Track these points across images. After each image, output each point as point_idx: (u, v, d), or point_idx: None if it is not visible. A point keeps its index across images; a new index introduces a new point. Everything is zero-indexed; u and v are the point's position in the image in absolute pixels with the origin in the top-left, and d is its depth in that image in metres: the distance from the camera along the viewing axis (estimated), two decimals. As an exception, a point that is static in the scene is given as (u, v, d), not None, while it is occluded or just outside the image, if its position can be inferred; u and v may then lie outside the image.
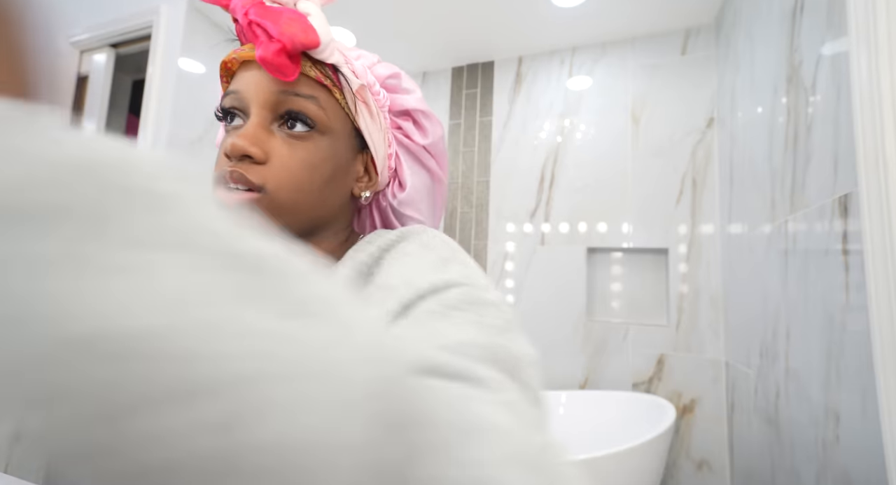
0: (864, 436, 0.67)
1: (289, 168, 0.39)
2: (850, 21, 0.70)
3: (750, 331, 1.20)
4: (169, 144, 1.55)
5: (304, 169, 0.39)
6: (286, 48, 0.36)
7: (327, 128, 0.40)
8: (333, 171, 0.41)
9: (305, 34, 0.37)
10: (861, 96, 0.67)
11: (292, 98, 0.39)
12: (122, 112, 2.31)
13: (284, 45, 0.36)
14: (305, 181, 0.39)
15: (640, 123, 1.66)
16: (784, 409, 0.97)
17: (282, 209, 0.39)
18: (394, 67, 0.46)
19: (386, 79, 0.45)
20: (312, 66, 0.39)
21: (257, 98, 0.39)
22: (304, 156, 0.39)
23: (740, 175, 1.30)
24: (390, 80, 0.45)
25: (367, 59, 0.45)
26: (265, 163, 0.38)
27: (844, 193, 0.73)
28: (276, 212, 0.39)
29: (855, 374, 0.70)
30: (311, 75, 0.39)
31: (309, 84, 0.39)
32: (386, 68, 0.45)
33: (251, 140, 0.38)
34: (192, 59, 1.63)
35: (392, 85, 0.46)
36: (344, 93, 0.41)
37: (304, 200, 0.40)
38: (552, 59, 1.83)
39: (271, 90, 0.39)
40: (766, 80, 1.10)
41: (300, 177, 0.39)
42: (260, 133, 0.39)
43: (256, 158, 0.38)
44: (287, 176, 0.38)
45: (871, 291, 0.64)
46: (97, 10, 1.76)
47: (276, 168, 0.38)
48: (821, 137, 0.82)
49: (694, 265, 1.52)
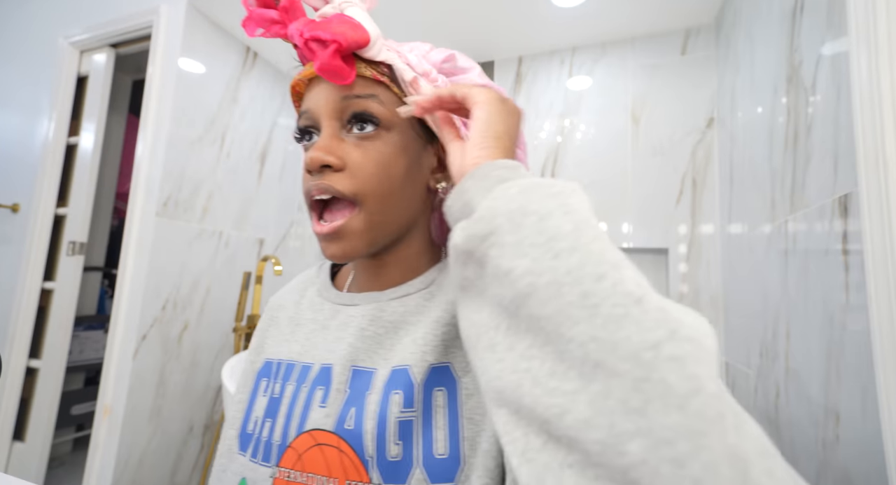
0: (864, 436, 0.67)
1: (365, 169, 0.40)
2: (850, 21, 0.70)
3: (750, 331, 1.20)
4: (169, 144, 1.55)
5: (379, 167, 0.40)
6: (341, 47, 0.38)
7: (392, 123, 0.41)
8: (407, 165, 0.42)
9: (355, 32, 0.39)
10: (861, 96, 0.67)
11: (354, 101, 0.40)
12: (122, 112, 2.31)
13: (339, 43, 0.37)
14: (385, 180, 0.41)
15: (640, 122, 1.66)
16: (784, 409, 0.97)
17: (377, 219, 0.41)
18: (447, 50, 0.46)
19: (441, 63, 0.46)
20: (367, 66, 0.41)
21: (324, 110, 0.41)
22: (376, 155, 0.41)
23: (740, 175, 1.30)
24: (446, 64, 0.46)
25: (419, 48, 0.46)
26: (343, 169, 0.40)
27: (844, 193, 0.73)
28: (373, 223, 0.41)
29: (855, 374, 0.70)
30: (367, 75, 0.41)
31: (367, 84, 0.41)
32: (439, 53, 0.46)
33: (325, 150, 0.40)
34: (192, 59, 1.63)
35: (448, 68, 0.46)
36: (401, 87, 0.42)
37: (390, 201, 0.41)
38: (552, 59, 1.83)
39: (334, 99, 0.41)
40: (766, 80, 1.10)
41: (379, 176, 0.40)
42: (332, 142, 0.40)
43: (334, 166, 0.40)
44: (367, 177, 0.40)
45: (871, 291, 0.64)
46: (97, 10, 1.76)
47: (354, 172, 0.40)
48: (821, 137, 0.82)
49: (694, 265, 1.52)
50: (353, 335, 0.43)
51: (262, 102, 1.96)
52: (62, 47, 1.78)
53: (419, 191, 0.45)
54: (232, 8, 1.63)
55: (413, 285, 0.45)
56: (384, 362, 0.41)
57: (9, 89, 1.93)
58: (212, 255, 1.73)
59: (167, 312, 1.57)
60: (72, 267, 1.71)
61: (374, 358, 0.42)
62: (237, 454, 0.44)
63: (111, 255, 2.30)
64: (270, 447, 0.41)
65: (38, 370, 1.68)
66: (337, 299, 0.48)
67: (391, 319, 0.43)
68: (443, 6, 1.58)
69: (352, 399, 0.40)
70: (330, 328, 0.46)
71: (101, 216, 2.22)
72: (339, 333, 0.45)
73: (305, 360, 0.45)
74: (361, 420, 0.38)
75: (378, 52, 0.40)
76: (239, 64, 1.84)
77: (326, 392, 0.41)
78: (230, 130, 1.79)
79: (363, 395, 0.40)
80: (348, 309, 0.46)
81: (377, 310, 0.44)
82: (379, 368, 0.41)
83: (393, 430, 0.37)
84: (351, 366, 0.42)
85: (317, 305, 0.50)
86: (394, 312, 0.43)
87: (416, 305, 0.43)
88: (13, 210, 1.80)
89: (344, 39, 0.38)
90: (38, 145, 1.78)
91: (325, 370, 0.43)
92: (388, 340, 0.42)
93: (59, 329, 1.69)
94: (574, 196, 0.29)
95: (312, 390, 0.42)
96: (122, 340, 1.47)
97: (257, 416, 0.45)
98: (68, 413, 1.94)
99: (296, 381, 0.44)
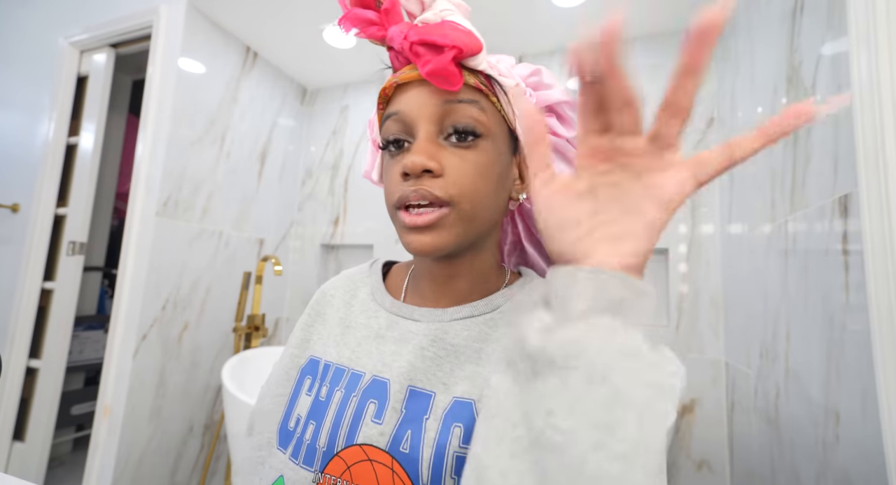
0: (864, 436, 0.67)
1: (465, 176, 0.40)
2: (850, 21, 0.70)
3: (750, 331, 1.20)
4: (169, 144, 1.55)
5: (477, 176, 0.40)
6: (461, 53, 0.38)
7: (490, 132, 0.41)
8: (500, 174, 0.43)
9: (471, 39, 0.39)
10: (861, 96, 0.67)
11: (456, 106, 0.40)
12: (122, 112, 2.31)
13: (460, 49, 0.38)
14: (481, 188, 0.40)
15: (640, 123, 1.65)
16: (784, 409, 0.97)
17: (467, 220, 0.40)
18: (532, 65, 0.47)
19: (528, 77, 0.46)
20: (470, 74, 0.41)
21: (423, 113, 0.40)
22: (474, 164, 0.40)
23: (740, 175, 1.30)
24: (532, 78, 0.47)
25: (506, 61, 0.46)
26: (442, 175, 0.40)
27: (844, 193, 0.73)
28: (460, 223, 0.40)
29: (855, 374, 0.70)
30: (471, 83, 0.41)
31: (469, 91, 0.41)
32: (525, 67, 0.47)
33: (427, 154, 0.39)
34: (192, 59, 1.63)
35: (534, 82, 0.47)
36: (499, 97, 0.42)
37: (481, 207, 0.41)
38: (552, 59, 1.83)
39: (434, 103, 0.40)
40: (766, 80, 1.10)
41: (476, 184, 0.40)
42: (431, 147, 0.40)
43: (435, 172, 0.39)
44: (465, 184, 0.40)
45: (871, 291, 0.64)
46: (97, 10, 1.76)
47: (453, 178, 0.39)
48: (821, 137, 0.82)
49: (694, 265, 1.52)
50: (412, 353, 0.43)
51: (262, 102, 1.96)
52: (62, 47, 1.78)
53: (504, 198, 0.45)
54: (232, 8, 1.63)
55: (477, 307, 0.44)
56: (443, 387, 0.41)
57: (9, 89, 1.93)
58: (212, 255, 1.73)
59: (167, 312, 1.57)
60: (72, 267, 1.71)
61: (433, 381, 0.41)
62: (276, 450, 0.44)
63: (111, 255, 2.30)
64: (314, 452, 0.41)
65: (38, 370, 1.68)
66: (393, 309, 0.47)
67: (454, 343, 0.42)
68: (443, 6, 1.58)
69: (408, 421, 0.39)
70: (386, 340, 0.45)
71: (101, 216, 2.22)
72: (396, 348, 0.44)
73: (357, 368, 0.44)
74: (419, 446, 0.38)
75: (481, 62, 0.41)
76: (239, 64, 1.84)
77: (381, 408, 0.41)
78: (230, 130, 1.79)
79: (421, 418, 0.39)
80: (407, 323, 0.45)
81: (440, 331, 0.43)
82: (437, 392, 0.40)
83: (450, 463, 0.36)
84: (408, 385, 0.41)
85: (370, 311, 0.49)
86: (457, 336, 0.43)
87: (479, 332, 0.43)
88: (13, 210, 1.80)
89: (464, 45, 0.38)
90: (38, 145, 1.78)
91: (379, 384, 0.42)
92: (448, 365, 0.42)
93: (59, 329, 1.69)
94: (661, 399, 0.25)
95: (364, 402, 0.42)
96: (122, 340, 1.47)
97: (299, 414, 0.44)
98: (68, 413, 1.94)
99: (345, 388, 0.44)
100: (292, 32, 1.76)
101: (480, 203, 0.41)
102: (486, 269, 0.46)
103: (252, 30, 1.77)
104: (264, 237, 2.00)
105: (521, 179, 0.46)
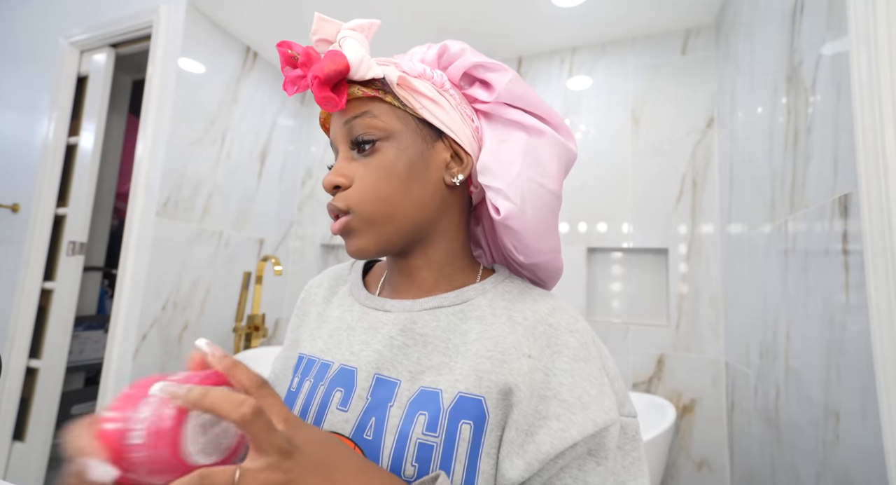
0: (864, 436, 0.67)
1: (367, 182, 0.43)
2: (850, 21, 0.70)
3: (750, 331, 1.20)
4: (169, 143, 1.55)
5: (380, 178, 0.43)
6: (320, 80, 0.40)
7: (387, 132, 0.43)
8: (409, 167, 0.44)
9: (333, 62, 0.40)
10: (861, 96, 0.67)
11: (353, 122, 0.43)
12: (122, 112, 2.31)
13: (317, 77, 0.40)
14: (384, 188, 0.43)
15: (640, 122, 1.66)
16: (784, 409, 0.97)
17: (371, 221, 0.43)
18: (437, 45, 0.47)
19: (437, 59, 0.47)
20: (360, 87, 0.43)
21: (338, 137, 0.45)
22: (375, 168, 0.43)
23: (740, 175, 1.30)
24: (442, 59, 0.47)
25: (417, 52, 0.48)
26: (350, 187, 0.43)
27: (844, 193, 0.73)
28: (367, 225, 0.43)
29: (855, 374, 0.70)
30: (359, 94, 0.43)
31: (359, 104, 0.43)
32: (433, 50, 0.47)
33: (336, 172, 0.44)
34: (192, 59, 1.63)
35: (444, 61, 0.47)
36: (395, 93, 0.43)
37: (390, 205, 0.43)
38: (552, 59, 1.83)
39: (339, 126, 0.44)
40: (766, 80, 1.10)
41: (378, 186, 0.43)
42: (343, 164, 0.44)
43: (343, 185, 0.43)
44: (366, 190, 0.43)
45: (871, 291, 0.64)
46: (97, 10, 1.76)
47: (355, 188, 0.43)
48: (821, 137, 0.82)
49: (694, 265, 1.52)
50: (381, 342, 0.44)
51: (262, 102, 1.96)
52: (62, 47, 1.78)
53: (429, 188, 0.44)
54: (232, 8, 1.63)
55: (447, 299, 0.45)
56: (409, 375, 0.41)
57: (9, 89, 1.93)
58: (212, 255, 1.73)
59: (167, 312, 1.57)
60: (72, 267, 1.71)
61: (399, 369, 0.42)
62: None
63: (111, 255, 2.30)
64: None
65: (38, 370, 1.68)
66: (367, 302, 0.49)
67: (422, 333, 0.43)
68: (443, 7, 1.58)
69: (372, 408, 0.40)
70: (356, 330, 0.47)
71: (101, 216, 2.22)
72: (365, 337, 0.45)
73: (326, 358, 0.46)
74: (381, 433, 0.39)
75: (367, 72, 0.41)
76: (239, 64, 1.84)
77: (347, 396, 0.42)
78: (230, 130, 1.79)
79: (385, 406, 0.40)
80: (378, 314, 0.47)
81: (409, 321, 0.44)
82: (403, 380, 0.41)
83: (412, 450, 0.37)
84: (375, 373, 0.42)
85: (346, 305, 0.50)
86: (426, 326, 0.44)
87: (448, 323, 0.44)
88: (13, 210, 1.80)
89: (321, 72, 0.40)
90: (38, 145, 1.78)
91: (346, 372, 0.43)
92: (416, 354, 0.42)
93: (59, 329, 1.69)
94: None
95: (331, 390, 0.43)
96: (122, 340, 1.47)
97: None
98: (68, 413, 1.94)
99: (314, 377, 0.45)
100: (292, 33, 1.76)
101: (387, 202, 0.43)
102: (447, 261, 0.47)
103: (252, 30, 1.77)
104: (264, 237, 2.00)
105: (460, 160, 0.46)
